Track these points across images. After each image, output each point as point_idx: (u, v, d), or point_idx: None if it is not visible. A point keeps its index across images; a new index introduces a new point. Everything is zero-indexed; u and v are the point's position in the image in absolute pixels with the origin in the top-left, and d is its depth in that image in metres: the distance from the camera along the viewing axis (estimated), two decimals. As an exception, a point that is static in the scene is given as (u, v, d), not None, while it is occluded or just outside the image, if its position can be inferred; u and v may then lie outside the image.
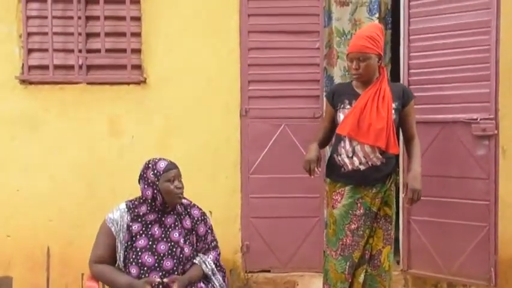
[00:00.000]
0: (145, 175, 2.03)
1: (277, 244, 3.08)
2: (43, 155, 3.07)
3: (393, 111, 2.30)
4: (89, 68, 3.07)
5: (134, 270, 1.93)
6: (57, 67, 3.04)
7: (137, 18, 3.06)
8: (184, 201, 2.10)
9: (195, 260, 2.04)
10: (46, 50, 3.01)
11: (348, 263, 2.34)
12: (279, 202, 3.06)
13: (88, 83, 3.07)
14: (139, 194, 2.10)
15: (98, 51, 3.03)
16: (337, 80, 3.31)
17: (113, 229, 2.00)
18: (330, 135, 2.48)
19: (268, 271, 3.11)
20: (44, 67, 3.04)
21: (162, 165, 2.02)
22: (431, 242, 3.00)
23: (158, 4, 3.05)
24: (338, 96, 2.40)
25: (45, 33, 3.00)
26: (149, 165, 2.05)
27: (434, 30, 2.93)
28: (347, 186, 2.34)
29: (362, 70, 2.27)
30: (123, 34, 3.04)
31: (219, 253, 2.14)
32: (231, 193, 3.07)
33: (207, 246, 2.10)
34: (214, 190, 3.04)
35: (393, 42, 3.41)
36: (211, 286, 2.06)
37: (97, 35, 3.03)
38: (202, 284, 2.03)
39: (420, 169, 2.34)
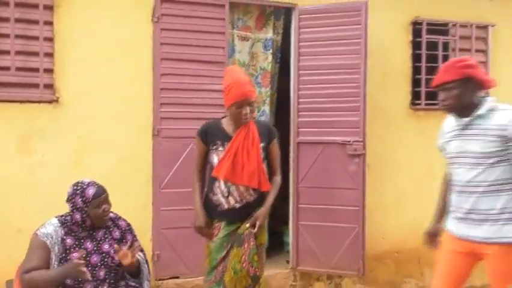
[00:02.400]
0: (73, 200, 2.15)
1: (186, 253, 3.35)
2: None
3: (261, 150, 2.45)
4: (-4, 85, 3.03)
5: (69, 281, 2.09)
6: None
7: (50, 39, 3.11)
8: (111, 214, 2.30)
9: None
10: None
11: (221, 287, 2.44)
12: (188, 214, 3.28)
13: (-5, 100, 3.03)
14: (51, 212, 2.25)
15: (7, 68, 3.01)
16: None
17: (48, 242, 2.11)
18: (205, 172, 2.57)
19: (177, 277, 3.38)
20: None
21: (91, 192, 2.14)
22: (315, 242, 3.58)
23: (71, 26, 3.15)
24: (210, 136, 2.47)
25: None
26: (77, 191, 2.15)
27: (318, 67, 3.54)
28: (223, 222, 2.47)
29: (250, 115, 2.42)
30: (34, 53, 3.07)
31: (145, 254, 2.41)
32: (143, 206, 3.29)
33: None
34: (127, 204, 3.17)
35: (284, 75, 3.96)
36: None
37: (6, 52, 3.01)
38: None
39: (267, 207, 2.48)
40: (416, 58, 3.92)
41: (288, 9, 3.70)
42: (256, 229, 2.42)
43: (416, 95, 3.94)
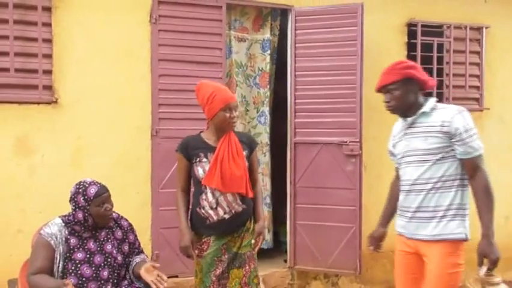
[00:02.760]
0: (75, 199, 2.19)
1: None
2: None
3: (245, 158, 2.43)
4: (-5, 86, 3.05)
5: (72, 280, 2.11)
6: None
7: (48, 40, 3.13)
8: (113, 214, 2.33)
9: (137, 259, 2.32)
10: None
11: None
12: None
13: (-7, 102, 3.05)
14: (51, 212, 2.27)
15: (6, 70, 3.03)
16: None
17: (52, 242, 2.14)
18: (189, 186, 2.51)
19: (176, 276, 3.41)
20: None
21: (92, 191, 2.18)
22: (312, 242, 3.62)
23: (69, 28, 3.17)
24: (191, 149, 2.42)
25: None
26: (80, 190, 2.19)
27: (314, 68, 3.58)
28: (212, 236, 2.40)
29: (237, 118, 2.43)
30: (33, 55, 3.09)
31: (146, 255, 2.45)
32: (142, 206, 3.31)
33: (137, 251, 2.38)
34: (127, 204, 3.19)
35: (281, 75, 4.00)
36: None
37: (4, 54, 3.03)
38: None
39: (263, 220, 2.50)
40: (411, 59, 3.94)
41: (284, 10, 3.74)
42: (259, 245, 2.43)
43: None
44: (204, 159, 2.38)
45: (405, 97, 2.13)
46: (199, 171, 2.37)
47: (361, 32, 3.49)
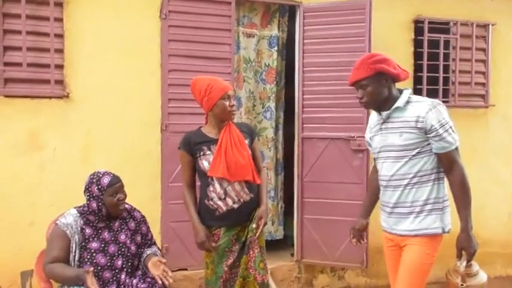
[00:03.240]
0: (89, 189, 2.25)
1: (194, 245, 3.33)
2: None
3: (248, 147, 2.47)
4: (8, 81, 3.09)
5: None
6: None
7: (60, 35, 3.17)
8: (126, 206, 2.38)
9: (148, 251, 2.35)
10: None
11: None
12: None
13: (6, 96, 3.08)
14: (62, 205, 2.30)
15: (18, 64, 3.06)
16: (244, 100, 3.80)
17: (68, 232, 2.19)
18: (195, 182, 2.53)
19: (186, 269, 3.46)
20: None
21: (106, 180, 2.25)
22: (319, 236, 3.66)
23: (81, 23, 3.21)
24: (194, 144, 2.44)
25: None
26: (94, 180, 2.26)
27: (322, 64, 3.61)
28: (222, 227, 2.43)
29: (235, 107, 2.47)
30: (44, 49, 3.12)
31: (158, 248, 2.50)
32: (152, 200, 3.35)
33: (149, 242, 2.43)
34: (136, 198, 3.24)
35: (289, 71, 4.03)
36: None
37: (17, 48, 3.07)
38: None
39: (266, 205, 2.52)
40: (417, 56, 3.99)
41: (292, 6, 3.76)
42: (261, 229, 2.44)
43: (417, 93, 4.01)
44: (208, 152, 2.41)
45: (377, 92, 2.10)
46: (204, 163, 2.40)
47: (369, 28, 3.52)
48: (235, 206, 2.40)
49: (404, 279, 2.12)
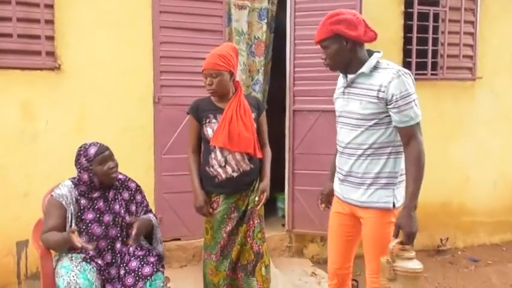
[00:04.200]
0: (79, 161, 2.26)
1: (187, 216, 3.46)
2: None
3: (253, 120, 2.50)
4: (-2, 52, 3.06)
5: (84, 239, 2.19)
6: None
7: (50, 6, 3.13)
8: (120, 176, 2.41)
9: (144, 215, 2.40)
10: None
11: (228, 261, 2.51)
12: (188, 178, 3.45)
13: (-3, 67, 3.07)
14: (56, 177, 2.34)
15: (9, 35, 3.04)
16: (239, 73, 3.81)
17: (63, 202, 2.22)
18: (200, 148, 2.57)
19: (179, 239, 3.54)
20: None
21: (92, 151, 2.25)
22: (310, 206, 3.74)
23: (71, -7, 3.18)
24: (201, 111, 2.49)
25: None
26: (81, 151, 2.27)
27: (313, 37, 3.60)
28: (221, 195, 2.49)
29: (215, 86, 2.41)
30: (35, 20, 3.09)
31: (156, 217, 2.54)
32: (145, 172, 3.39)
33: (145, 209, 2.47)
34: (130, 170, 3.26)
35: (278, 44, 4.04)
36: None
37: (7, 19, 3.03)
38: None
39: (269, 178, 2.56)
40: (407, 29, 4.03)
41: (284, -22, 3.76)
42: (262, 202, 2.49)
43: (407, 65, 4.06)
44: (213, 120, 2.45)
45: (338, 55, 1.97)
46: (209, 131, 2.44)
47: (360, 1, 3.54)
48: (235, 174, 2.44)
49: (374, 253, 2.04)
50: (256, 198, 2.51)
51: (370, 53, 2.02)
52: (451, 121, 4.22)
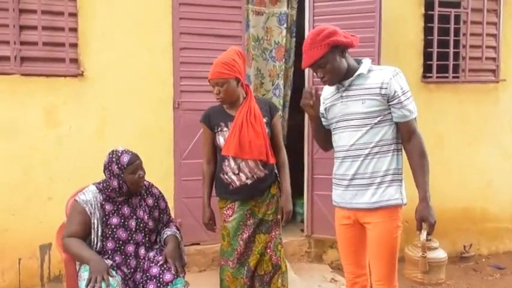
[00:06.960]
0: (110, 168, 2.27)
1: None
2: (-24, 144, 3.08)
3: (265, 125, 2.45)
4: (24, 59, 3.15)
5: (110, 244, 2.23)
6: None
7: (74, 14, 3.21)
8: (144, 182, 2.43)
9: (168, 232, 2.41)
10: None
11: (245, 268, 2.48)
12: None
13: (22, 74, 3.15)
14: (79, 180, 2.35)
15: (34, 44, 3.12)
16: (253, 78, 3.84)
17: (87, 209, 2.24)
18: (215, 157, 2.55)
19: (198, 244, 3.55)
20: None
21: (125, 159, 2.26)
22: (329, 211, 3.70)
23: (94, 1, 3.25)
24: (213, 119, 2.48)
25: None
26: (113, 158, 2.27)
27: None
28: (236, 202, 2.47)
29: (222, 94, 2.38)
30: (59, 28, 3.18)
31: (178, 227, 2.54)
32: (165, 176, 3.42)
33: (168, 217, 2.49)
34: (150, 174, 3.29)
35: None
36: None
37: (33, 28, 3.12)
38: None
39: (289, 189, 2.52)
40: (428, 31, 3.98)
41: (302, -17, 3.76)
42: (285, 219, 2.47)
43: (427, 68, 4.01)
44: (225, 129, 2.44)
45: (337, 67, 2.00)
46: (220, 140, 2.44)
47: (379, 3, 3.51)
48: (249, 181, 2.43)
49: (381, 258, 2.04)
50: (279, 217, 2.50)
51: (357, 60, 2.10)
52: (474, 125, 4.14)
